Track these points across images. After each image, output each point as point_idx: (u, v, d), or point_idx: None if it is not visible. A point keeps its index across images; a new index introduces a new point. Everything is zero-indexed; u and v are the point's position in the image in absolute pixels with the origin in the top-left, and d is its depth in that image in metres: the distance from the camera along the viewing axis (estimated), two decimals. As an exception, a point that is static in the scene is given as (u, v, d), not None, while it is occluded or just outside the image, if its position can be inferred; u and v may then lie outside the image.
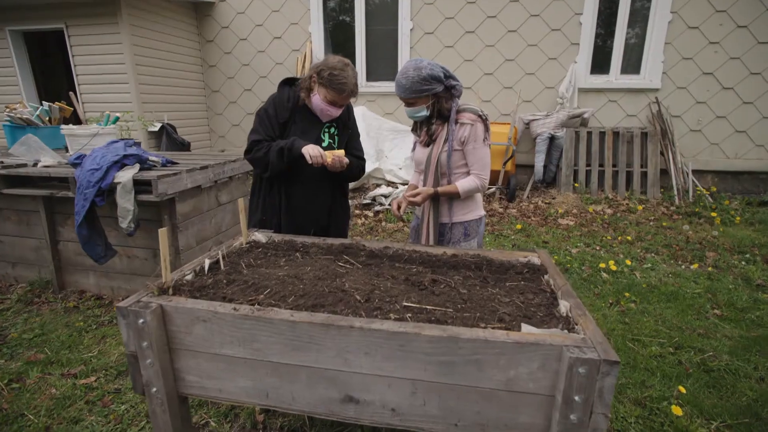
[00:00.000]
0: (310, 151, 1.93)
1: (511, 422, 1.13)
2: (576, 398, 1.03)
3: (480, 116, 1.96)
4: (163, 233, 1.31)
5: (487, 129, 1.98)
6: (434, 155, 1.98)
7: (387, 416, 1.20)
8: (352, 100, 2.12)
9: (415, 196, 1.96)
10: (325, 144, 2.14)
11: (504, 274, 1.60)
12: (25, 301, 3.09)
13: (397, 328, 1.12)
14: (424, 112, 1.95)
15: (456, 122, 1.96)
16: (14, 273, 3.37)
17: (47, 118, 3.88)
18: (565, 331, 1.12)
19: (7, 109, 3.65)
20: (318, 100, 2.02)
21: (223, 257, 1.66)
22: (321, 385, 1.22)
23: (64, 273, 3.24)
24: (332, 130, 2.17)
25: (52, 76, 7.86)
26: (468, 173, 2.01)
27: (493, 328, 1.18)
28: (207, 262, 1.58)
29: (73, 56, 5.92)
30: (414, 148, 2.16)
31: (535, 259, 1.71)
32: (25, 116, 3.69)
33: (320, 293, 1.38)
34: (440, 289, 1.45)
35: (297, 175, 2.08)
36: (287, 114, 2.07)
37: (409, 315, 1.24)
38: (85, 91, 6.07)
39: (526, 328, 1.12)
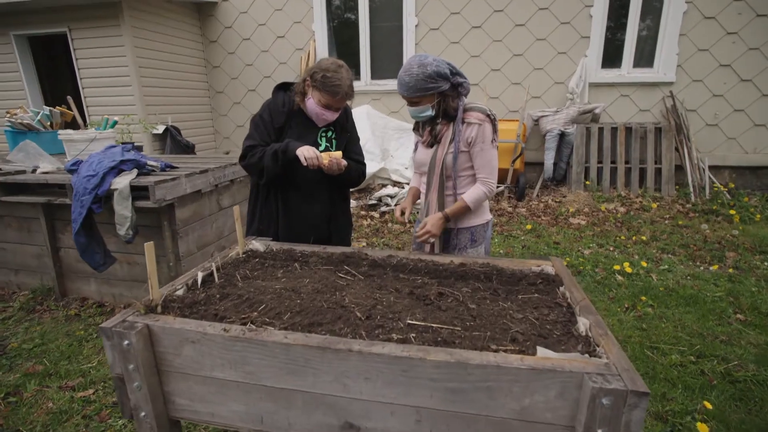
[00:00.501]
0: (305, 152, 1.84)
1: (526, 454, 1.02)
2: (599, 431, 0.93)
3: (488, 115, 1.84)
4: (149, 247, 1.23)
5: (495, 129, 1.86)
6: (439, 157, 1.87)
7: (390, 445, 1.10)
8: (348, 103, 2.02)
9: (423, 226, 1.84)
10: (322, 149, 2.05)
11: (516, 286, 1.49)
12: (27, 309, 3.05)
13: (399, 352, 1.03)
14: (429, 112, 1.84)
15: (462, 122, 1.85)
16: (17, 280, 3.34)
17: (48, 123, 3.85)
18: (586, 355, 1.02)
19: (8, 115, 3.62)
20: (312, 104, 1.92)
21: (218, 269, 1.57)
22: (319, 411, 1.13)
23: (66, 280, 3.19)
24: (329, 134, 2.08)
25: (58, 79, 7.89)
26: (473, 176, 1.91)
27: (505, 350, 1.07)
28: (200, 275, 1.50)
29: (76, 59, 5.91)
30: (416, 149, 2.05)
31: (549, 269, 1.60)
32: (25, 121, 3.66)
33: (318, 309, 1.28)
34: (447, 303, 1.34)
35: (292, 179, 1.99)
36: (283, 119, 1.99)
37: (414, 335, 1.14)
38: (90, 95, 6.05)
39: (542, 351, 1.02)
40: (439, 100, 1.82)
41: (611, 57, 5.97)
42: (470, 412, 1.03)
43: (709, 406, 1.98)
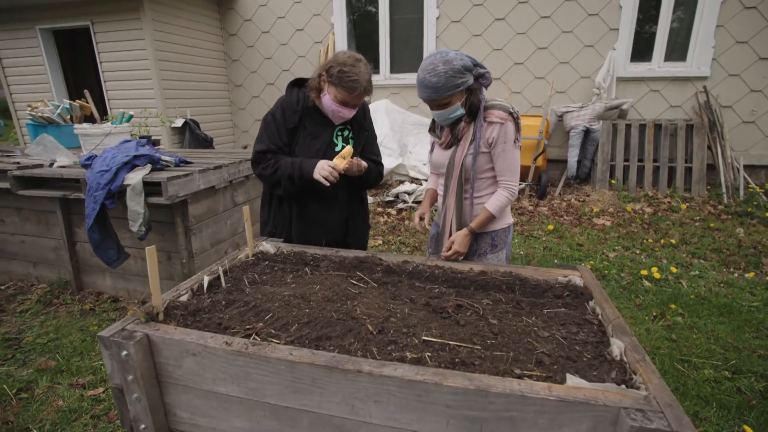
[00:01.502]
0: (322, 172, 1.75)
1: (551, 492, 0.93)
2: (637, 474, 0.82)
3: (511, 114, 1.71)
4: (151, 252, 1.17)
5: (518, 128, 1.73)
6: (458, 159, 1.75)
7: (401, 473, 1.02)
8: (367, 99, 1.91)
9: (450, 246, 1.73)
10: (338, 148, 1.95)
11: (540, 298, 1.38)
12: (44, 302, 3.08)
13: (413, 375, 0.94)
14: (460, 111, 1.70)
15: (483, 120, 1.73)
16: (35, 272, 3.37)
17: (69, 116, 3.87)
18: (623, 386, 0.91)
19: (29, 108, 3.65)
20: (328, 100, 1.81)
21: (225, 273, 1.51)
22: (325, 432, 1.06)
23: (82, 274, 3.21)
24: (346, 132, 1.97)
25: (82, 73, 8.00)
26: (493, 177, 1.79)
27: (530, 374, 0.97)
28: (206, 280, 1.43)
29: (98, 53, 5.97)
30: (432, 149, 1.93)
31: (576, 279, 1.48)
32: (46, 115, 3.68)
33: (328, 320, 1.20)
34: (466, 317, 1.25)
35: (310, 188, 1.90)
36: (297, 118, 1.88)
37: (429, 353, 1.05)
38: (111, 88, 6.11)
39: (572, 380, 0.91)
40: (467, 96, 1.70)
41: (641, 50, 5.70)
42: (490, 443, 0.93)
43: (749, 430, 1.83)
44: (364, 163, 1.87)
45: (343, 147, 1.96)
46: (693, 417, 1.94)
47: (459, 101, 1.68)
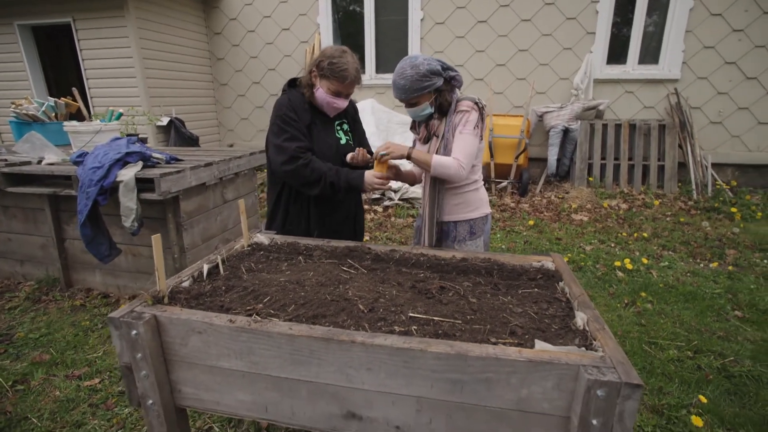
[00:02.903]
0: (374, 185, 1.86)
1: (523, 444, 1.05)
2: (594, 422, 0.95)
3: (476, 104, 1.85)
4: (156, 240, 1.25)
5: (482, 119, 1.85)
6: (432, 151, 1.90)
7: (391, 434, 1.13)
8: (356, 89, 2.01)
9: (387, 146, 1.85)
10: (343, 142, 2.05)
11: (516, 281, 1.52)
12: (33, 299, 3.09)
13: (401, 343, 1.05)
14: (429, 110, 1.86)
15: (454, 112, 1.87)
16: (23, 270, 3.38)
17: (53, 114, 3.87)
18: (583, 348, 1.04)
19: (13, 106, 3.64)
20: (322, 93, 1.91)
21: (223, 261, 1.60)
22: (322, 400, 1.16)
23: (71, 271, 3.23)
24: (345, 126, 2.10)
25: (63, 70, 7.89)
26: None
27: (504, 342, 1.10)
28: (206, 268, 1.52)
29: (80, 50, 5.92)
30: (413, 145, 2.07)
31: (549, 264, 1.62)
32: (30, 112, 3.68)
33: (322, 301, 1.31)
34: (448, 297, 1.37)
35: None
36: (308, 116, 1.95)
37: (415, 327, 1.17)
38: (94, 86, 6.07)
39: (539, 344, 1.04)
40: (435, 97, 1.85)
41: (616, 53, 5.94)
42: (470, 403, 1.06)
43: (704, 400, 2.01)
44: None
45: (347, 141, 2.06)
46: (657, 392, 2.11)
47: (427, 101, 1.84)
